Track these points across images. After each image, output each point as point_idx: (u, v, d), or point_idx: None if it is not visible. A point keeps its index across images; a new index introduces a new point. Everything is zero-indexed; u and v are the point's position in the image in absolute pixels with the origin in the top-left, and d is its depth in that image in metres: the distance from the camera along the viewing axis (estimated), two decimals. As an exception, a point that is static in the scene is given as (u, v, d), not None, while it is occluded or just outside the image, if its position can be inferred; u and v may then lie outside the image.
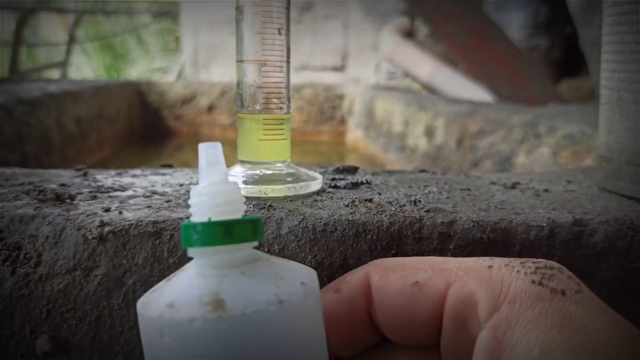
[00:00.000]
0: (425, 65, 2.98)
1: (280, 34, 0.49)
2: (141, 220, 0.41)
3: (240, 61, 0.49)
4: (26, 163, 1.60)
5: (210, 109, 3.05)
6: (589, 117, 1.42)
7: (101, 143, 2.38)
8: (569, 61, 2.95)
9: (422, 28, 3.57)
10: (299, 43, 3.72)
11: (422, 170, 0.65)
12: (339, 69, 3.98)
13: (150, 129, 2.96)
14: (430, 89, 2.90)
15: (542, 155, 1.41)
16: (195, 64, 4.34)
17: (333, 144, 3.06)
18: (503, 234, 0.45)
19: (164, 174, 0.58)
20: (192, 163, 2.45)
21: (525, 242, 0.45)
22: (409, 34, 3.49)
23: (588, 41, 1.77)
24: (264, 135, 0.49)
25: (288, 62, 0.50)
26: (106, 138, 2.44)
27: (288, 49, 0.50)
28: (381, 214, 0.44)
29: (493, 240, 0.44)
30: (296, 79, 2.74)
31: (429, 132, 2.05)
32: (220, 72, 4.11)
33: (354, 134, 3.00)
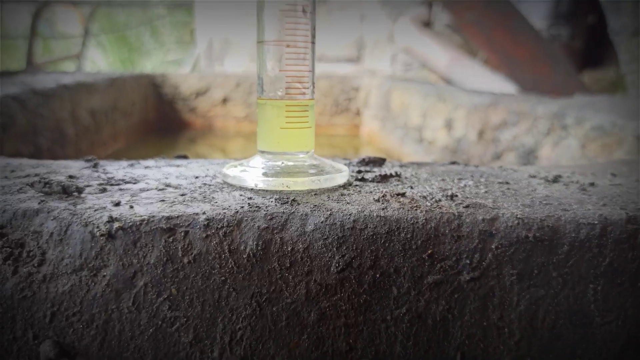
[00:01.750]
0: (443, 56, 2.92)
1: (304, 12, 0.44)
2: (153, 216, 0.38)
3: (260, 42, 0.45)
4: (39, 155, 1.59)
5: (225, 101, 3.02)
6: (619, 108, 1.36)
7: (115, 135, 2.36)
8: (590, 52, 2.87)
9: (440, 18, 3.50)
10: (314, 34, 3.66)
11: (453, 162, 0.60)
12: (355, 60, 3.92)
13: (165, 122, 2.94)
14: (447, 81, 2.84)
15: (569, 148, 1.35)
16: (209, 56, 4.31)
17: (348, 136, 3.02)
18: (551, 233, 0.40)
19: (178, 166, 0.54)
20: (206, 155, 2.42)
21: (574, 242, 0.40)
22: (426, 24, 3.42)
23: (617, 29, 1.70)
24: (287, 123, 0.45)
25: (313, 42, 0.46)
26: (120, 130, 2.43)
27: (313, 29, 0.46)
28: (416, 209, 0.40)
29: (539, 239, 0.40)
30: (311, 70, 2.68)
31: (448, 124, 1.99)
32: (235, 64, 4.07)
33: (370, 127, 2.95)
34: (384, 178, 0.49)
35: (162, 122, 2.93)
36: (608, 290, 0.40)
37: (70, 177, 0.47)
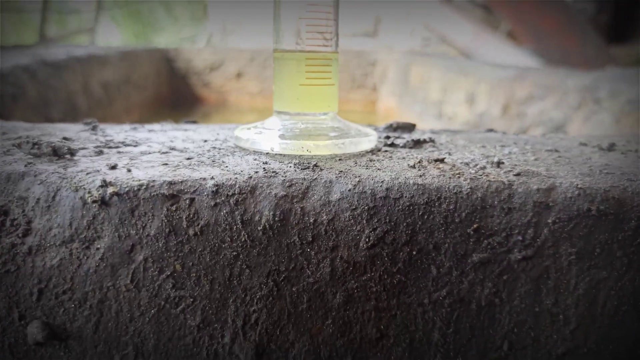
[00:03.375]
0: (463, 31, 2.81)
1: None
2: (154, 181, 0.32)
3: (278, -15, 0.39)
4: (50, 127, 1.55)
5: (239, 75, 2.95)
6: (657, 81, 1.27)
7: (128, 109, 2.32)
8: (617, 26, 2.75)
9: (461, -9, 3.37)
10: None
11: (490, 130, 0.54)
12: (371, 34, 3.82)
13: (178, 96, 2.89)
14: (468, 55, 2.74)
15: (603, 122, 1.27)
16: (223, 31, 4.23)
17: (364, 112, 2.95)
18: (617, 205, 0.34)
19: (186, 130, 0.49)
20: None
21: (644, 216, 0.34)
22: (447, -2, 3.30)
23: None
24: (307, 79, 0.40)
25: (338, -14, 0.40)
26: (133, 104, 2.38)
27: (338, -31, 0.39)
28: (459, 177, 0.34)
29: (603, 213, 0.34)
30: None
31: (470, 99, 1.91)
32: (249, 40, 3.99)
33: (387, 102, 2.87)
34: (417, 143, 0.43)
35: (175, 97, 2.88)
36: (683, 273, 0.35)
37: (65, 139, 0.42)
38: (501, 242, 0.34)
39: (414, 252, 0.33)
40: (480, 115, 1.82)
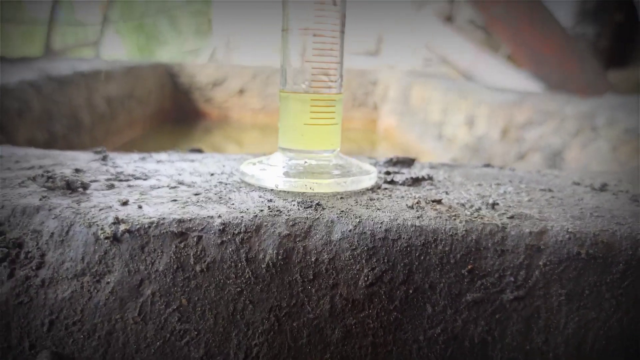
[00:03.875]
0: (464, 52, 2.85)
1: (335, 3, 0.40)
2: (164, 218, 0.34)
3: (285, 30, 0.41)
4: (54, 142, 1.57)
5: (241, 92, 2.99)
6: (654, 110, 1.29)
7: (131, 123, 2.34)
8: (616, 51, 2.79)
9: (462, 13, 3.42)
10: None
11: (487, 165, 0.56)
12: (373, 54, 3.86)
13: (181, 111, 2.91)
14: (469, 77, 2.77)
15: (600, 150, 1.29)
16: (227, 46, 4.28)
17: (365, 131, 2.97)
18: (605, 250, 0.36)
19: (192, 160, 0.51)
20: (221, 147, 2.40)
21: (631, 260, 0.36)
22: (447, 19, 3.35)
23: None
24: (311, 118, 0.41)
25: (342, 32, 0.42)
26: (136, 119, 2.41)
27: (343, 17, 0.41)
28: (454, 219, 0.36)
29: (592, 257, 0.36)
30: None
31: (470, 122, 1.94)
32: (252, 55, 4.03)
33: (387, 121, 2.89)
34: (416, 181, 0.45)
35: (178, 112, 2.91)
36: (668, 315, 0.36)
37: (77, 170, 0.44)
38: (494, 283, 0.35)
39: (411, 291, 0.35)
40: (480, 139, 1.84)
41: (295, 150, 0.42)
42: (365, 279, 0.34)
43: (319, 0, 0.40)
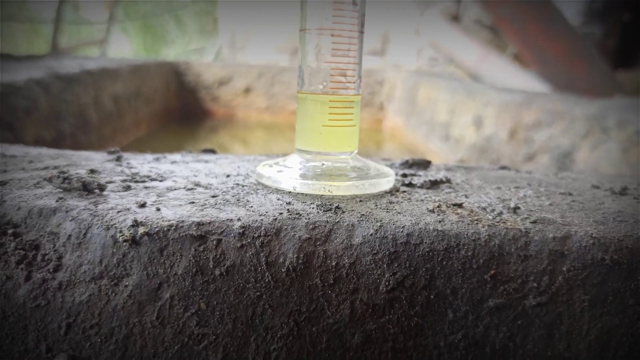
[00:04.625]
0: (470, 52, 2.84)
1: (355, 3, 0.40)
2: (183, 221, 0.33)
3: (303, 30, 0.41)
4: (62, 140, 1.57)
5: (247, 91, 2.98)
6: (666, 111, 1.28)
7: (138, 122, 2.34)
8: (624, 51, 2.77)
9: (468, 13, 3.41)
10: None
11: (503, 167, 0.55)
12: (379, 53, 3.85)
13: (187, 110, 2.92)
14: (475, 77, 2.76)
15: (610, 152, 1.28)
16: (232, 45, 4.28)
17: (370, 131, 2.96)
18: (629, 255, 0.35)
19: (206, 161, 0.50)
20: (228, 147, 2.39)
21: (656, 266, 0.35)
22: (454, 19, 3.34)
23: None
24: (329, 120, 0.41)
25: (361, 32, 0.41)
26: (143, 117, 2.41)
27: (362, 16, 0.41)
28: (477, 223, 0.35)
29: (617, 262, 0.35)
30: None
31: (477, 122, 1.93)
32: (258, 54, 4.03)
33: (393, 121, 2.89)
34: (434, 184, 0.44)
35: (184, 110, 2.91)
36: (694, 323, 0.35)
37: (92, 171, 0.43)
38: (517, 289, 0.35)
39: (432, 296, 0.34)
40: (488, 139, 1.83)
41: (313, 152, 0.42)
42: (387, 283, 0.34)
43: (337, 0, 0.40)
